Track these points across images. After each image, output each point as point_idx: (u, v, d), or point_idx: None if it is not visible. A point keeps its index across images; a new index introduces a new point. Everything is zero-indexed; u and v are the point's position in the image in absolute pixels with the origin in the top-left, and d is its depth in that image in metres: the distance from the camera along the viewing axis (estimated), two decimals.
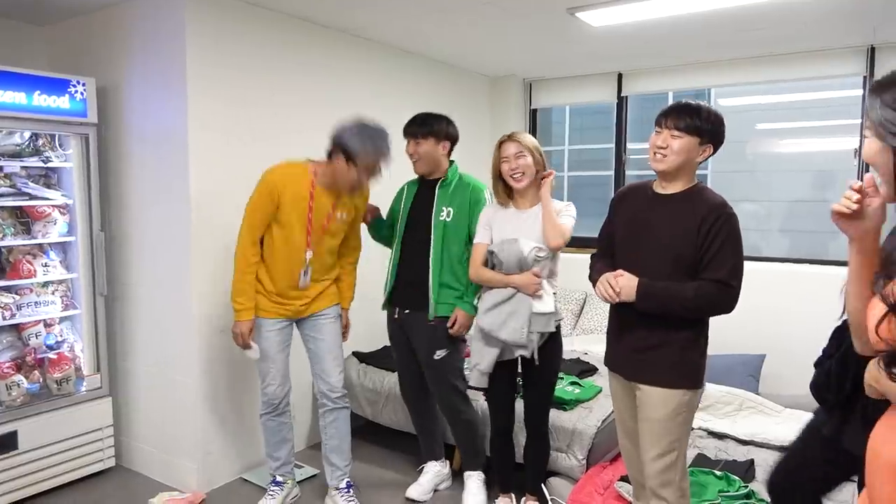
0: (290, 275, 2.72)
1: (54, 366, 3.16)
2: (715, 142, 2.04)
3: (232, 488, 3.20)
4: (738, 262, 1.99)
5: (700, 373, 2.09)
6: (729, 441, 3.16)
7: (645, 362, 2.08)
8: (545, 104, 5.13)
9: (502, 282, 2.52)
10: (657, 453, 2.07)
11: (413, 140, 2.86)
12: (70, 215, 3.21)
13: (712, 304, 2.00)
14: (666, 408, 2.04)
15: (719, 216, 1.98)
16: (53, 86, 2.99)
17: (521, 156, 2.51)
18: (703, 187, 2.08)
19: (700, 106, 2.02)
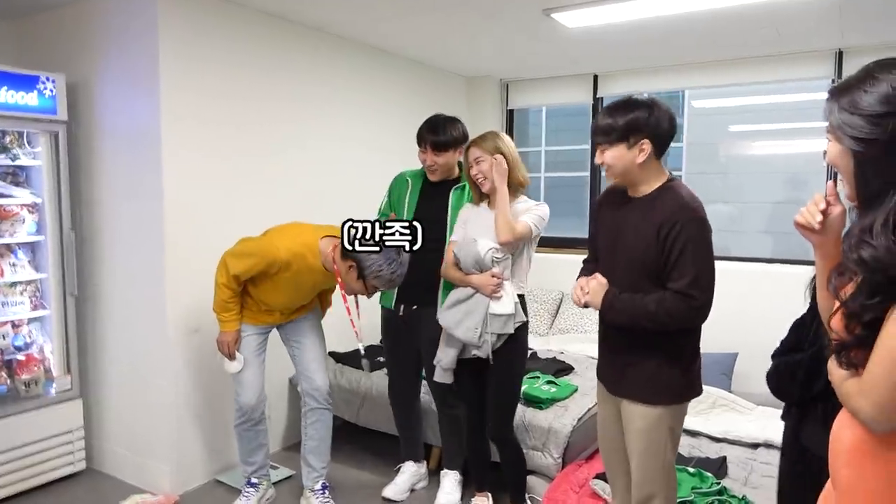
0: (294, 304, 2.79)
1: (23, 367, 3.10)
2: (647, 134, 1.89)
3: (206, 490, 3.16)
4: (702, 271, 1.86)
5: (681, 388, 2.00)
6: (702, 438, 3.21)
7: (625, 377, 2.02)
8: (521, 105, 5.16)
9: (462, 281, 2.53)
10: (642, 465, 2.01)
11: (434, 151, 2.79)
12: (39, 214, 3.15)
13: (674, 317, 1.86)
14: (645, 421, 1.98)
15: (677, 221, 1.85)
16: (21, 82, 2.93)
17: (480, 160, 2.51)
18: (672, 186, 1.95)
19: (616, 107, 1.94)
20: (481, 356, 2.50)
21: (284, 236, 2.59)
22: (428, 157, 2.82)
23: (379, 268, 2.46)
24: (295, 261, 2.55)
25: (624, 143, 1.91)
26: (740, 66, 4.20)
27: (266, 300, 2.72)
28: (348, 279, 2.53)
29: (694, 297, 1.85)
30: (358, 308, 2.75)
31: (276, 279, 2.60)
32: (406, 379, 3.06)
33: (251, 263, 2.56)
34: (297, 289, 2.70)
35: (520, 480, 2.79)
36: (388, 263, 2.46)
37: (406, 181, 2.96)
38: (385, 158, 2.88)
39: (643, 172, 1.94)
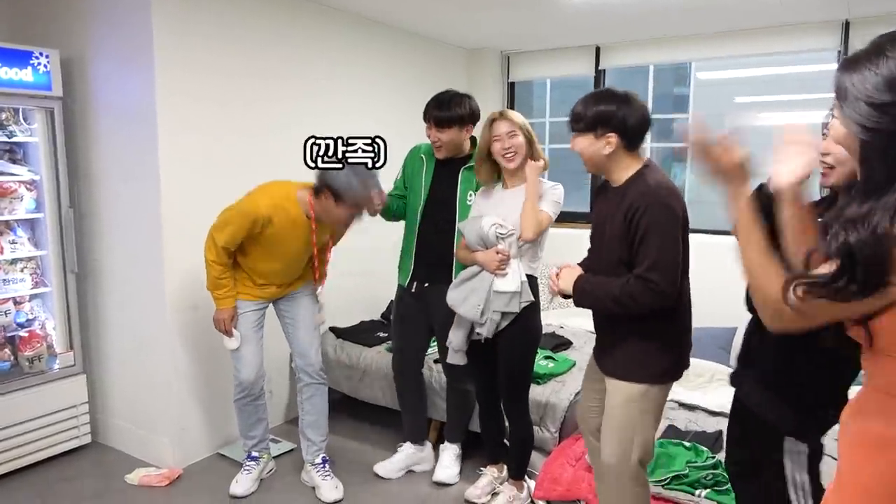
0: (287, 271, 2.78)
1: (25, 344, 3.13)
2: (614, 127, 1.93)
3: (208, 464, 3.21)
4: (662, 255, 1.88)
5: (661, 367, 2.03)
6: (699, 412, 3.22)
7: (607, 353, 2.09)
8: (523, 77, 5.09)
9: (468, 259, 2.53)
10: (612, 441, 2.05)
11: (436, 127, 2.75)
12: (37, 191, 3.15)
13: (636, 300, 1.90)
14: (620, 397, 2.03)
15: (639, 207, 1.88)
16: (14, 57, 2.90)
17: (513, 135, 2.45)
18: (642, 173, 1.97)
19: (589, 98, 1.99)
20: (484, 334, 2.48)
21: (264, 193, 2.62)
22: (432, 134, 2.79)
23: (349, 184, 2.47)
24: (276, 214, 2.56)
25: (591, 134, 1.96)
26: (745, 37, 4.12)
27: (258, 269, 2.73)
28: (329, 209, 2.55)
29: (653, 282, 1.88)
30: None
31: (263, 242, 2.61)
32: (411, 355, 3.07)
33: (235, 228, 2.58)
34: (285, 250, 2.68)
35: (524, 457, 2.80)
36: (357, 178, 2.49)
37: (421, 158, 2.91)
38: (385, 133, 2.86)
39: (612, 163, 1.99)
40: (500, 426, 2.81)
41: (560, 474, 2.68)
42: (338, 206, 2.53)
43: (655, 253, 1.88)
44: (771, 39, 4.05)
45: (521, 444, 2.76)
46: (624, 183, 1.99)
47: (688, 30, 4.18)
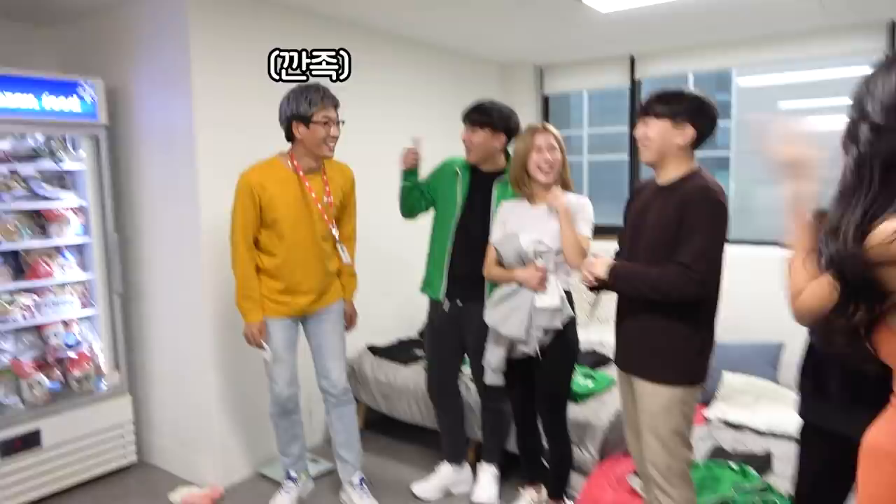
0: (310, 264, 2.72)
1: (74, 364, 3.22)
2: (693, 120, 2.00)
3: (249, 483, 3.25)
4: (708, 249, 1.92)
5: (695, 369, 2.04)
6: (746, 432, 3.11)
7: (637, 355, 2.09)
8: (557, 90, 5.05)
9: (506, 278, 2.49)
10: (655, 447, 2.06)
11: (469, 127, 2.79)
12: (84, 217, 3.26)
13: (674, 286, 1.93)
14: (657, 402, 2.03)
15: (697, 200, 1.94)
16: (62, 88, 3.02)
17: (553, 149, 2.46)
18: (697, 173, 2.03)
19: (665, 91, 2.04)
20: (529, 353, 2.45)
21: (247, 168, 2.69)
22: (465, 134, 2.80)
23: (297, 97, 2.55)
24: (265, 177, 2.62)
25: (670, 121, 2.00)
26: (787, 41, 4.00)
27: (276, 261, 2.69)
28: (306, 138, 2.58)
29: (693, 270, 1.91)
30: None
31: (268, 220, 2.62)
32: (446, 374, 3.04)
33: (239, 210, 2.62)
34: (292, 219, 2.65)
35: (563, 477, 2.74)
36: (304, 90, 2.55)
37: (456, 171, 2.90)
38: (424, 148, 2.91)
39: (674, 157, 2.03)
40: (538, 445, 2.76)
41: (601, 496, 2.62)
42: (310, 127, 2.57)
43: (701, 244, 1.92)
44: (814, 43, 3.93)
45: (559, 464, 2.71)
46: (676, 181, 2.03)
47: (726, 35, 4.08)
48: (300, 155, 2.67)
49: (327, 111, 2.60)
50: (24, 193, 3.08)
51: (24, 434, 2.97)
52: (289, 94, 2.61)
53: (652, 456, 2.08)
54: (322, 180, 2.73)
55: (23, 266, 3.14)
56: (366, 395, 3.67)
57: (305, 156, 2.67)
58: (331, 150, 2.67)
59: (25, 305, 3.09)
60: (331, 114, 2.62)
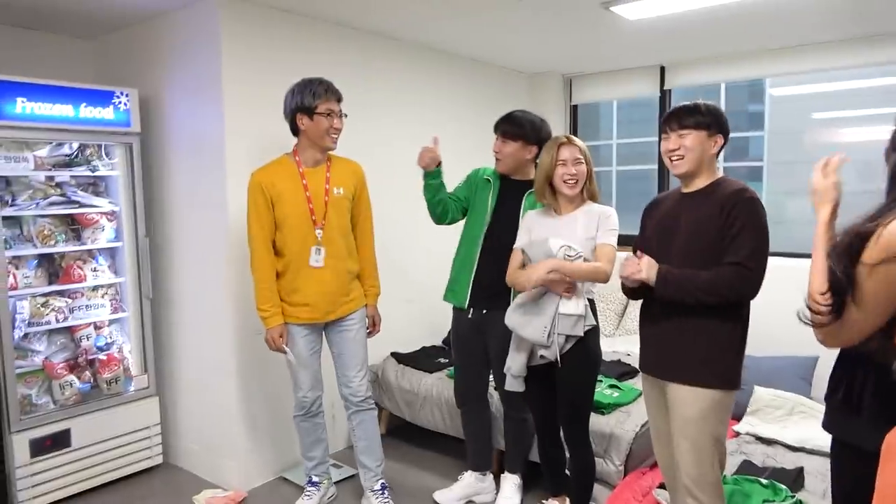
0: (304, 265, 2.71)
1: (104, 366, 3.29)
2: (722, 131, 2.10)
3: (272, 487, 3.26)
4: (759, 246, 1.97)
5: (732, 373, 2.04)
6: (778, 447, 3.03)
7: (673, 360, 2.07)
8: (586, 100, 5.03)
9: (529, 282, 2.45)
10: (690, 454, 2.03)
11: (500, 138, 2.82)
12: (117, 222, 3.33)
13: (731, 286, 1.96)
14: (695, 406, 2.01)
15: (738, 201, 1.99)
16: (98, 98, 3.10)
17: (578, 162, 2.46)
18: (724, 179, 2.11)
19: (696, 103, 2.11)
20: (549, 357, 2.43)
21: (257, 169, 2.76)
22: (496, 144, 2.83)
23: (301, 90, 2.64)
24: (273, 174, 2.69)
25: (705, 131, 2.07)
26: (821, 50, 3.92)
27: (287, 261, 2.71)
28: (310, 130, 2.65)
29: (750, 269, 1.95)
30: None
31: (280, 216, 2.67)
32: (472, 382, 3.02)
33: (252, 211, 2.68)
34: (298, 211, 2.68)
35: (587, 489, 2.69)
36: (302, 84, 2.65)
37: (487, 182, 2.91)
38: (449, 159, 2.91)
39: (705, 166, 2.10)
40: (560, 456, 2.72)
41: None
42: (313, 119, 2.64)
43: (754, 243, 1.96)
44: (849, 51, 3.85)
45: (582, 475, 2.66)
46: (705, 187, 2.10)
47: (758, 44, 4.02)
48: (304, 148, 2.73)
49: (330, 103, 2.66)
50: (60, 199, 3.16)
51: (55, 433, 3.04)
52: (293, 88, 2.68)
53: (685, 464, 2.05)
54: (324, 175, 2.75)
55: (57, 270, 3.22)
56: (389, 402, 3.67)
57: (309, 148, 2.72)
58: (333, 141, 2.72)
59: (59, 308, 3.17)
60: (334, 106, 2.68)
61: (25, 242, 3.08)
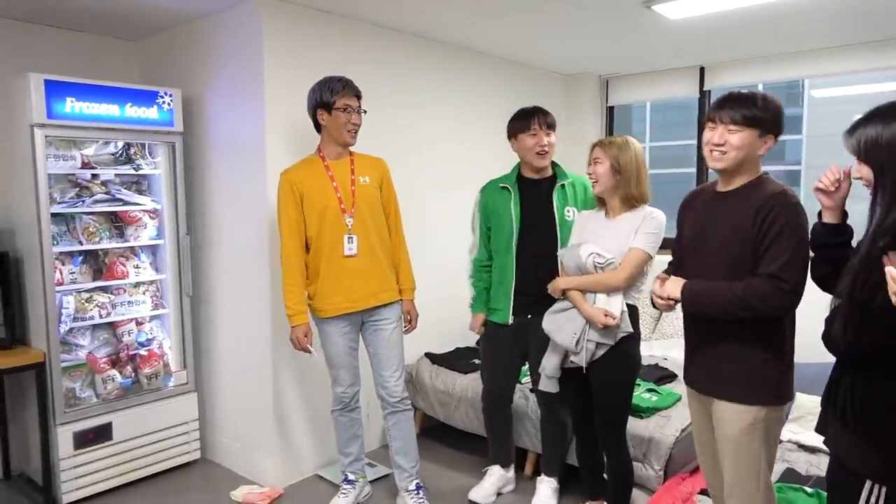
0: (338, 254, 2.75)
1: (145, 362, 3.34)
2: (776, 131, 1.91)
3: (308, 484, 3.28)
4: (796, 254, 1.80)
5: (780, 387, 1.93)
6: (821, 455, 2.95)
7: (717, 377, 1.96)
8: (622, 101, 4.98)
9: (572, 301, 2.47)
10: (735, 470, 1.95)
11: (547, 129, 2.82)
12: (159, 220, 3.39)
13: (764, 300, 1.81)
14: (740, 424, 1.91)
15: (774, 205, 1.83)
16: (143, 98, 3.16)
17: (597, 161, 2.46)
18: (765, 178, 1.93)
19: (755, 94, 1.89)
20: (578, 363, 2.43)
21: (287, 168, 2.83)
22: (541, 137, 2.79)
23: (319, 88, 2.73)
24: (301, 171, 2.76)
25: (757, 130, 1.88)
26: (863, 51, 3.83)
27: (322, 254, 2.74)
28: (330, 127, 2.73)
29: (784, 280, 1.81)
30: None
31: (309, 210, 2.72)
32: (503, 384, 3.01)
33: (282, 209, 2.74)
34: (327, 202, 2.72)
35: (624, 494, 2.65)
36: (321, 82, 2.74)
37: (503, 190, 2.88)
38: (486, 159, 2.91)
39: (751, 165, 1.94)
40: (598, 460, 2.69)
41: None
42: (332, 115, 2.71)
43: (790, 252, 1.81)
44: (891, 52, 3.75)
45: (619, 480, 2.63)
46: (744, 186, 1.93)
47: (801, 45, 3.94)
48: (326, 143, 2.79)
49: (348, 99, 2.72)
50: (104, 197, 3.23)
51: (97, 426, 3.10)
52: (314, 86, 2.76)
53: (729, 483, 1.96)
54: (348, 166, 2.81)
55: (101, 266, 3.29)
56: (423, 402, 3.67)
57: (330, 143, 2.78)
58: (352, 136, 2.77)
59: (102, 303, 3.23)
60: (351, 102, 2.74)
61: (72, 239, 3.14)
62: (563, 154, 4.86)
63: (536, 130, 2.78)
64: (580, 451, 2.73)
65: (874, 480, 1.50)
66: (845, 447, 1.55)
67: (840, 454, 1.58)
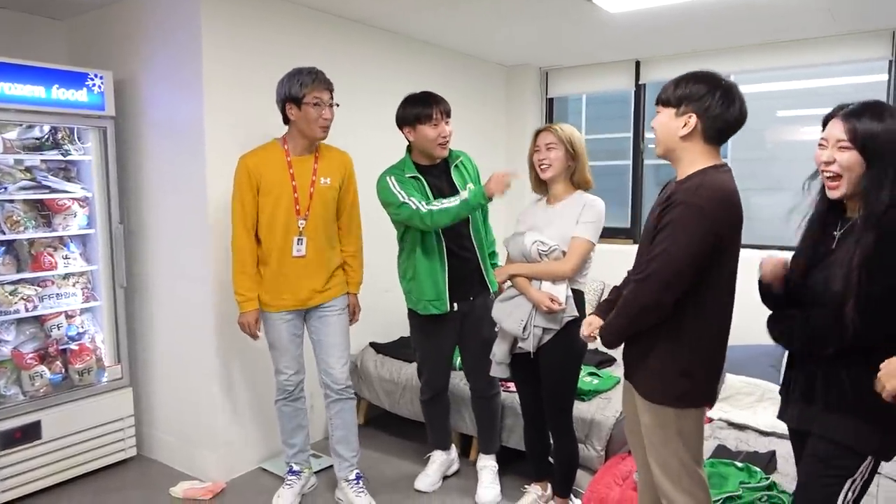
0: (287, 254, 2.69)
1: (76, 356, 3.20)
2: (697, 109, 1.75)
3: (251, 477, 3.23)
4: (669, 252, 1.71)
5: (683, 392, 1.83)
6: (750, 432, 3.12)
7: (637, 368, 1.93)
8: (561, 93, 5.08)
9: (518, 287, 2.52)
10: (655, 461, 1.94)
11: (447, 118, 2.78)
12: (89, 208, 3.24)
13: (633, 301, 1.81)
14: (650, 418, 1.90)
15: (673, 202, 1.73)
16: (71, 79, 3.01)
17: (551, 147, 2.49)
18: (708, 171, 1.77)
19: (689, 75, 1.81)
20: (526, 349, 2.49)
21: (247, 152, 2.74)
22: (443, 127, 2.76)
23: (290, 80, 2.60)
24: (260, 159, 2.66)
25: (674, 109, 1.79)
26: (790, 48, 4.04)
27: (270, 248, 2.69)
28: (299, 120, 2.61)
29: (647, 277, 1.76)
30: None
31: (263, 200, 2.65)
32: (441, 373, 3.04)
33: (237, 195, 2.66)
34: (282, 201, 2.66)
35: (569, 475, 2.75)
36: (291, 74, 2.61)
37: (415, 180, 2.80)
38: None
39: (683, 150, 1.80)
40: (545, 443, 2.76)
41: (607, 494, 2.62)
42: (302, 108, 2.60)
43: (661, 248, 1.72)
44: (817, 50, 3.97)
45: (565, 461, 2.71)
46: (685, 178, 1.80)
47: (730, 41, 4.12)
48: (293, 136, 2.69)
49: (319, 92, 2.61)
50: (29, 183, 3.06)
51: (25, 426, 2.95)
52: (283, 78, 2.65)
53: (657, 475, 1.94)
54: (312, 165, 2.73)
55: (26, 257, 3.12)
56: (368, 391, 3.67)
57: (298, 137, 2.68)
58: (324, 131, 2.67)
59: (28, 296, 3.07)
60: (322, 95, 2.63)
61: None
62: (505, 144, 4.95)
63: (437, 121, 2.74)
64: (528, 434, 2.79)
65: (875, 457, 1.66)
66: (842, 430, 1.68)
67: (836, 437, 1.69)
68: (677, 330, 1.80)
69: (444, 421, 3.17)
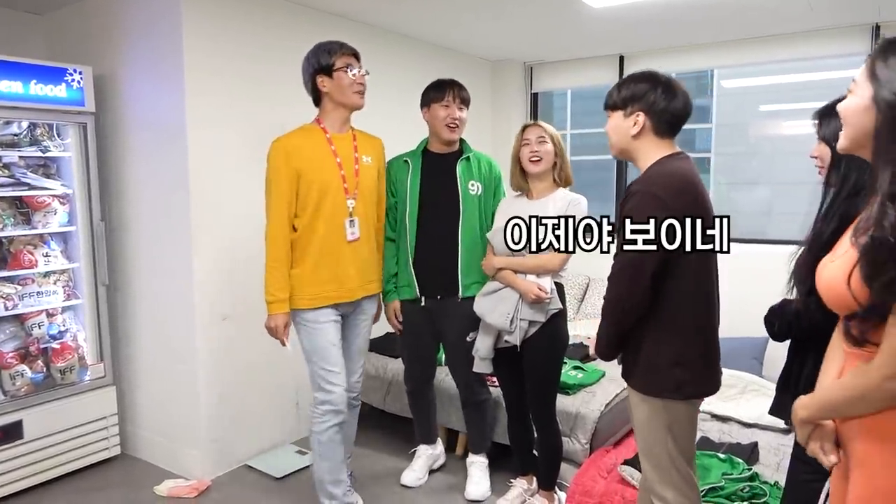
0: (339, 240, 2.49)
1: (58, 355, 3.16)
2: (643, 107, 1.80)
3: (237, 475, 3.21)
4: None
5: (667, 384, 1.82)
6: (732, 424, 3.16)
7: (628, 363, 1.94)
8: (546, 88, 5.09)
9: (504, 279, 2.53)
10: (645, 454, 1.95)
11: (462, 104, 2.78)
12: (70, 205, 3.20)
13: (609, 301, 1.85)
14: (642, 412, 1.90)
15: (628, 194, 1.77)
16: (50, 74, 2.97)
17: (542, 141, 2.53)
18: (664, 161, 1.81)
19: (629, 77, 1.88)
20: (513, 343, 2.50)
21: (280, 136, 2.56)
22: (454, 110, 2.76)
23: (316, 52, 2.48)
24: (301, 140, 2.46)
25: (622, 111, 1.85)
26: (771, 43, 4.08)
27: (318, 236, 2.46)
28: (331, 90, 2.46)
29: (613, 270, 1.80)
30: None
31: (305, 185, 2.42)
32: (422, 365, 3.04)
33: (272, 181, 2.42)
34: (329, 179, 2.45)
35: (553, 468, 2.76)
36: (316, 46, 2.49)
37: (405, 163, 2.83)
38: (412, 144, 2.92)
39: (637, 148, 1.84)
40: (530, 436, 2.77)
41: (592, 487, 2.64)
42: (334, 77, 2.45)
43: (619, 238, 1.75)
44: (798, 45, 4.01)
45: (549, 454, 2.73)
46: (643, 172, 1.84)
47: (712, 37, 4.15)
48: (328, 112, 2.51)
49: (347, 58, 2.48)
50: (8, 181, 3.01)
51: (6, 425, 2.91)
52: (308, 55, 2.50)
53: (646, 471, 1.96)
54: (351, 143, 2.55)
55: (5, 255, 3.07)
56: None
57: (334, 111, 2.50)
58: (360, 96, 2.50)
59: (7, 295, 3.03)
60: (352, 61, 2.49)
61: None
62: (490, 138, 4.94)
63: (449, 102, 2.75)
64: (512, 428, 2.80)
65: None
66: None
67: None
68: (659, 321, 1.82)
69: (428, 415, 3.17)
